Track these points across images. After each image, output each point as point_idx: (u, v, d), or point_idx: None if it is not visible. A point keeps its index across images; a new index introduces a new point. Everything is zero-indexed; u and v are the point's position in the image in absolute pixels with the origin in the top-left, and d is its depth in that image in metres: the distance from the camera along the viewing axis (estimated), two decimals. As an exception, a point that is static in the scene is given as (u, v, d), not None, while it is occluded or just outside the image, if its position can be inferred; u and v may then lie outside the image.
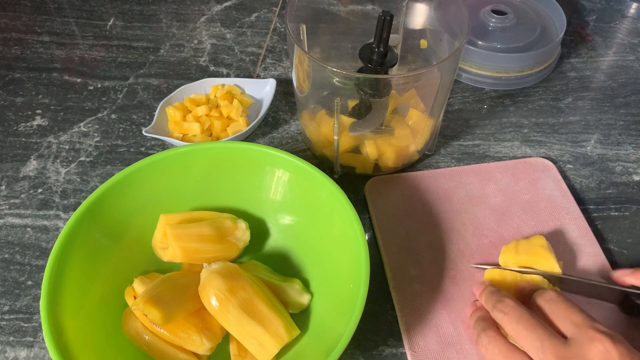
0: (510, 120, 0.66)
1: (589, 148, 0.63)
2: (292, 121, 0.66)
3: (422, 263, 0.51)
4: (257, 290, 0.43)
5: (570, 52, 0.75)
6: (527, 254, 0.47)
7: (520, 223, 0.54)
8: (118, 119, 0.66)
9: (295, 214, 0.50)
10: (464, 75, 0.70)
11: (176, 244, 0.46)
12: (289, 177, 0.50)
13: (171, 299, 0.42)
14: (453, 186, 0.57)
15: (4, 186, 0.60)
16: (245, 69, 0.73)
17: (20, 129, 0.65)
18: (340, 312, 0.42)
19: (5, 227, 0.56)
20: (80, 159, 0.62)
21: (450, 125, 0.65)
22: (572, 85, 0.71)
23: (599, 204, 0.57)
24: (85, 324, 0.42)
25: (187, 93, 0.66)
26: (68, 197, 0.59)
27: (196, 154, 0.50)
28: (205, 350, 0.43)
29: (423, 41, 0.61)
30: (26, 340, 0.48)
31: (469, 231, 0.54)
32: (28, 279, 0.52)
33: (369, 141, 0.56)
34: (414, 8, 0.60)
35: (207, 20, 0.80)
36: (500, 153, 0.62)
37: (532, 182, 0.58)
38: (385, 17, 0.49)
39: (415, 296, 0.49)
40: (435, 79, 0.51)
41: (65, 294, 0.41)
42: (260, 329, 0.41)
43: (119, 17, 0.81)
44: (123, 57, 0.74)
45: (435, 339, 0.46)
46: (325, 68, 0.48)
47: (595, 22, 0.80)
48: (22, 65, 0.74)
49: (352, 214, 0.44)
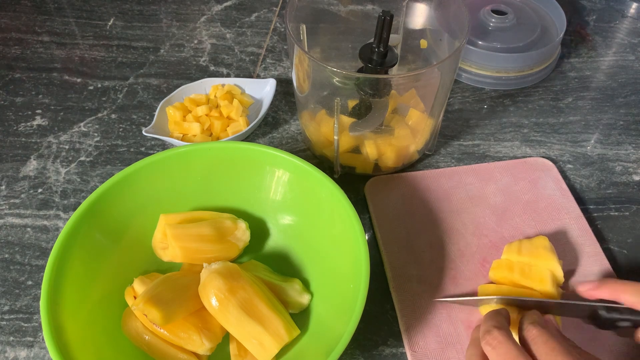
0: (510, 120, 0.66)
1: (589, 148, 0.63)
2: (292, 121, 0.66)
3: (422, 263, 0.51)
4: (257, 290, 0.43)
5: (570, 52, 0.75)
6: (530, 255, 0.47)
7: (520, 223, 0.54)
8: (118, 119, 0.66)
9: (295, 214, 0.50)
10: (464, 75, 0.70)
11: (176, 244, 0.46)
12: (289, 177, 0.50)
13: (171, 299, 0.42)
14: (453, 186, 0.57)
15: (4, 186, 0.60)
16: (245, 69, 0.73)
17: (20, 129, 0.65)
18: (340, 312, 0.42)
19: (5, 227, 0.56)
20: (80, 159, 0.62)
21: (450, 125, 0.65)
22: (572, 85, 0.71)
23: (599, 203, 0.57)
24: (85, 324, 0.42)
25: (187, 93, 0.66)
26: (68, 197, 0.59)
27: (196, 154, 0.50)
28: (205, 350, 0.43)
29: (423, 41, 0.61)
30: (26, 340, 0.48)
31: (469, 231, 0.54)
32: (28, 279, 0.52)
33: (369, 141, 0.56)
34: (414, 8, 0.60)
35: (207, 20, 0.80)
36: (500, 153, 0.62)
37: (532, 181, 0.58)
38: (385, 17, 0.49)
39: (415, 296, 0.49)
40: (435, 79, 0.51)
41: (65, 294, 0.41)
42: (260, 329, 0.41)
43: (119, 17, 0.81)
44: (123, 57, 0.74)
45: (435, 338, 0.46)
46: (325, 68, 0.48)
47: (595, 22, 0.80)
48: (22, 65, 0.74)
49: (352, 214, 0.44)
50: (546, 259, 0.47)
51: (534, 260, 0.47)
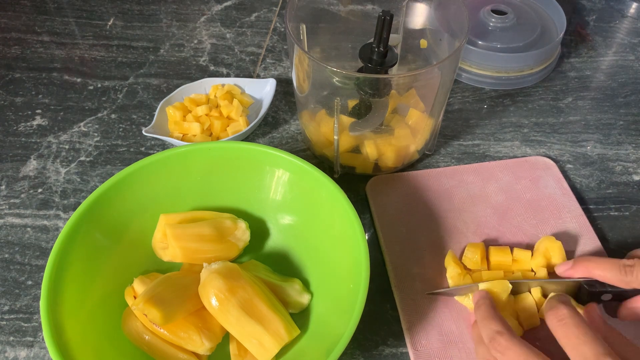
0: (510, 120, 0.66)
1: (589, 148, 0.63)
2: (292, 121, 0.66)
3: (424, 262, 0.51)
4: (257, 290, 0.43)
5: (570, 52, 0.75)
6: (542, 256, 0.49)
7: (521, 222, 0.54)
8: (118, 118, 0.66)
9: (295, 214, 0.50)
10: (464, 75, 0.70)
11: (176, 244, 0.46)
12: (289, 177, 0.50)
13: (171, 299, 0.42)
14: (454, 185, 0.57)
15: (4, 186, 0.60)
16: (245, 69, 0.73)
17: (20, 128, 0.65)
18: (340, 312, 0.42)
19: (5, 227, 0.56)
20: (80, 158, 0.62)
21: (450, 125, 0.65)
22: (572, 85, 0.71)
23: (599, 203, 0.57)
24: (85, 324, 0.42)
25: (187, 93, 0.66)
26: (68, 197, 0.58)
27: (196, 154, 0.50)
28: (205, 350, 0.43)
29: (423, 41, 0.61)
30: (26, 340, 0.48)
31: (471, 230, 0.54)
32: (28, 279, 0.52)
33: (369, 141, 0.56)
34: (414, 8, 0.60)
35: (207, 20, 0.80)
36: (500, 153, 0.62)
37: (533, 180, 0.58)
38: (385, 17, 0.49)
39: (417, 294, 0.49)
40: (435, 78, 0.51)
41: (65, 294, 0.41)
42: (260, 328, 0.41)
43: (119, 17, 0.81)
44: (123, 57, 0.74)
45: (437, 337, 0.46)
46: (325, 68, 0.48)
47: (595, 22, 0.80)
48: (22, 65, 0.74)
49: (352, 214, 0.44)
50: (549, 239, 0.49)
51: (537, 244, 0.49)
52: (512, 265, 0.49)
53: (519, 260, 0.49)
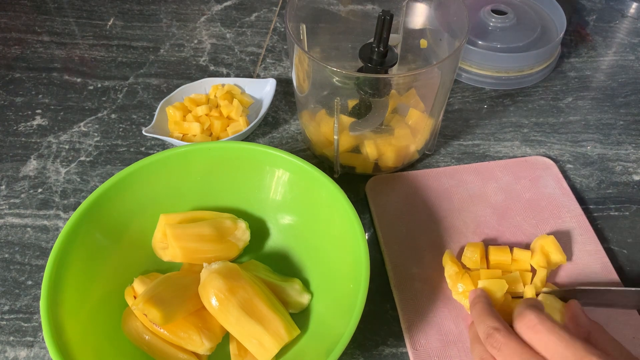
0: (510, 120, 0.66)
1: (589, 148, 0.63)
2: (292, 121, 0.66)
3: (424, 261, 0.51)
4: (257, 290, 0.43)
5: (570, 52, 0.75)
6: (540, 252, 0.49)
7: (521, 221, 0.54)
8: (118, 118, 0.66)
9: (295, 214, 0.50)
10: (464, 75, 0.70)
11: (176, 244, 0.46)
12: (289, 177, 0.50)
13: (171, 299, 0.42)
14: (454, 185, 0.57)
15: (4, 186, 0.60)
16: (245, 69, 0.73)
17: (20, 128, 0.65)
18: (340, 312, 0.42)
19: (5, 227, 0.56)
20: (80, 158, 0.62)
21: (450, 125, 0.65)
22: (572, 85, 0.71)
23: (599, 203, 0.57)
24: (85, 323, 0.42)
25: (187, 93, 0.66)
26: (68, 197, 0.59)
27: (196, 154, 0.50)
28: (205, 350, 0.43)
29: (423, 41, 0.61)
30: (26, 340, 0.48)
31: (470, 229, 0.54)
32: (28, 279, 0.52)
33: (369, 141, 0.56)
34: (414, 8, 0.60)
35: (207, 20, 0.80)
36: (500, 153, 0.62)
37: (533, 180, 0.58)
38: (385, 16, 0.49)
39: (417, 294, 0.49)
40: (435, 78, 0.51)
41: (65, 294, 0.41)
42: (260, 328, 0.41)
43: (119, 17, 0.81)
44: (123, 57, 0.74)
45: (437, 337, 0.46)
46: (325, 68, 0.48)
47: (595, 22, 0.80)
48: (22, 65, 0.74)
49: (352, 214, 0.44)
50: (542, 237, 0.49)
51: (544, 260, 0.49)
52: (511, 264, 0.49)
53: (519, 260, 0.49)
